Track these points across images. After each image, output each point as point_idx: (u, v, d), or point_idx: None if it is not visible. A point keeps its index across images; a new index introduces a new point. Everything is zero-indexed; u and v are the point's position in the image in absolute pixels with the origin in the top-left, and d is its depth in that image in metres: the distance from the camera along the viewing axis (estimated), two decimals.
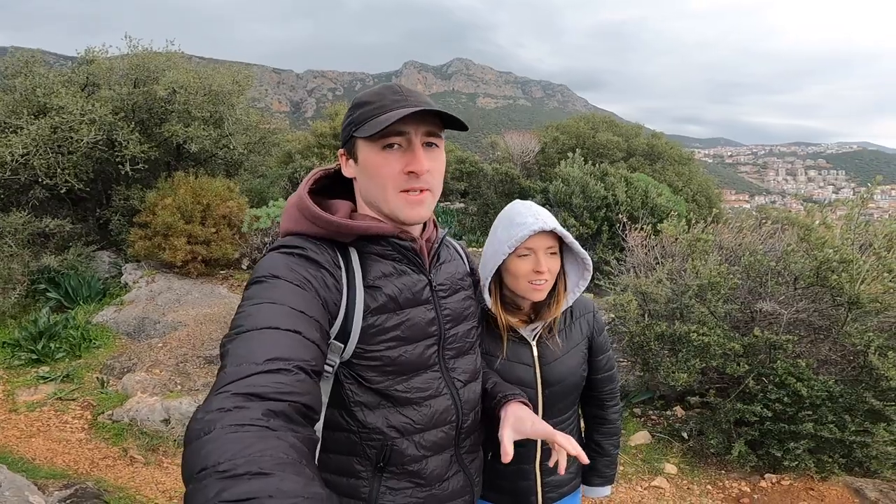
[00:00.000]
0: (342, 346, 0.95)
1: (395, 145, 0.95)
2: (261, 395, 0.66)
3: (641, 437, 3.64)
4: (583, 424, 1.58)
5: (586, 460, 1.00)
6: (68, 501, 2.88)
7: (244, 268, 7.45)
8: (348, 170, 1.03)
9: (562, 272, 1.34)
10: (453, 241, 1.23)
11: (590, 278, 1.34)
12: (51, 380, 4.51)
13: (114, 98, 7.05)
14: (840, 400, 2.98)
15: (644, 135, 14.38)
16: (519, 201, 1.37)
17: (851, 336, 3.02)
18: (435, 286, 1.06)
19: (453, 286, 1.10)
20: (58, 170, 6.57)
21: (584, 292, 1.40)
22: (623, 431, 1.66)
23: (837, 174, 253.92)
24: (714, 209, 5.97)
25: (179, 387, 4.31)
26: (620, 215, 7.39)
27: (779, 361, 3.10)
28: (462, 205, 14.44)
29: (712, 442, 3.32)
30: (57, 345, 5.06)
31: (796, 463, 3.05)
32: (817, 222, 3.38)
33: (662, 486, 3.17)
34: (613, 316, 4.08)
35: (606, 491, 1.56)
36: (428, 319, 1.03)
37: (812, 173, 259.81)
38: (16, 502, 2.54)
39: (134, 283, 6.54)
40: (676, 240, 4.22)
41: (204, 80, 7.44)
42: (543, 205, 8.68)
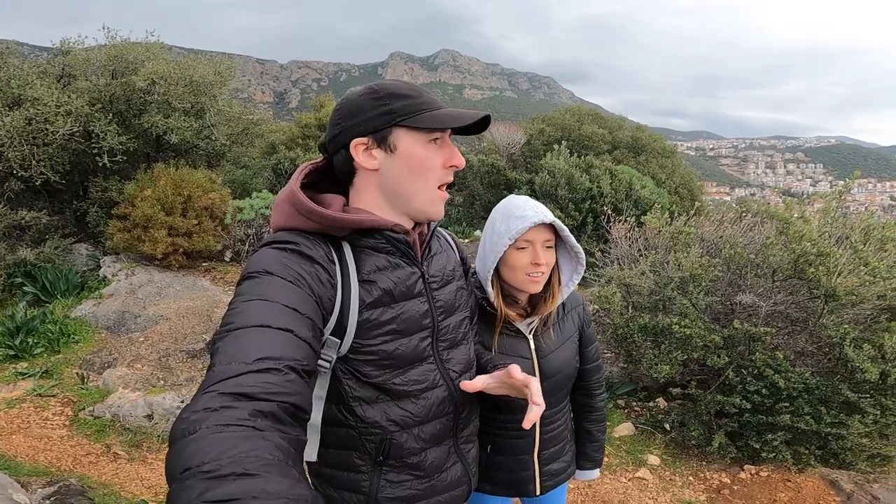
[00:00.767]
0: (338, 341, 0.95)
1: (438, 140, 0.98)
2: (249, 394, 0.65)
3: (625, 428, 3.70)
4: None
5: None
6: (52, 499, 2.84)
7: (227, 260, 7.35)
8: (370, 161, 0.97)
9: (556, 266, 1.36)
10: (444, 231, 1.23)
11: (583, 272, 1.37)
12: (29, 376, 4.42)
13: (91, 89, 6.88)
14: (816, 392, 3.05)
15: (628, 127, 14.48)
16: (515, 195, 1.39)
17: (827, 328, 3.09)
18: (427, 278, 1.06)
19: (445, 277, 1.10)
20: (33, 161, 6.39)
21: None
22: (608, 423, 1.72)
23: (815, 167, 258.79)
24: (696, 202, 6.05)
25: (162, 382, 4.26)
26: (605, 207, 7.45)
27: (757, 353, 3.17)
28: (448, 196, 14.43)
29: (693, 433, 3.39)
30: (35, 340, 4.95)
31: (774, 454, 3.12)
32: (795, 216, 3.44)
33: (646, 477, 3.22)
34: (598, 308, 4.13)
35: (596, 474, 1.65)
36: (422, 312, 1.03)
37: (791, 166, 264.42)
38: (0, 500, 2.50)
39: (113, 276, 6.42)
40: (659, 232, 4.27)
41: (185, 70, 7.29)
42: (530, 196, 8.72)
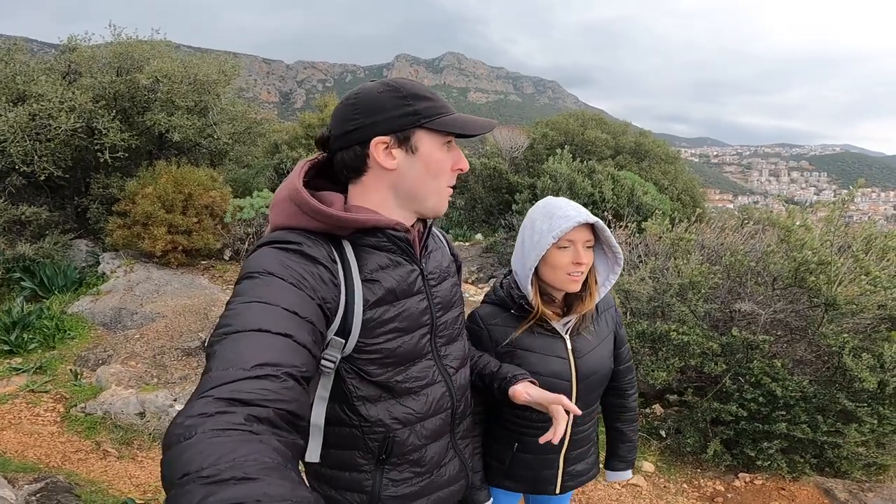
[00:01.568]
0: (343, 341, 0.94)
1: (449, 143, 1.02)
2: (244, 400, 0.64)
3: None
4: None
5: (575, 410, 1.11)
6: (38, 495, 2.82)
7: (226, 259, 7.35)
8: (389, 160, 0.97)
9: (592, 267, 1.39)
10: (435, 229, 1.24)
11: (619, 272, 1.39)
12: (23, 371, 4.41)
13: (95, 86, 6.91)
14: (813, 400, 3.02)
15: (631, 133, 14.45)
16: (552, 197, 1.43)
17: (827, 337, 3.06)
18: (426, 275, 1.07)
19: (442, 274, 1.12)
20: (35, 157, 6.41)
21: None
22: (602, 429, 1.71)
23: (820, 176, 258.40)
24: (698, 208, 6.02)
25: (156, 380, 4.24)
26: (606, 213, 7.42)
27: (755, 361, 3.14)
28: (450, 198, 14.44)
29: (689, 441, 3.35)
30: (30, 335, 4.93)
31: (769, 462, 3.09)
32: (797, 224, 3.41)
33: (640, 483, 3.19)
34: None
35: (629, 474, 1.64)
36: (421, 309, 1.04)
37: (795, 174, 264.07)
38: None
39: (112, 272, 6.41)
40: (660, 238, 4.24)
41: (189, 69, 7.31)
42: (531, 200, 8.70)
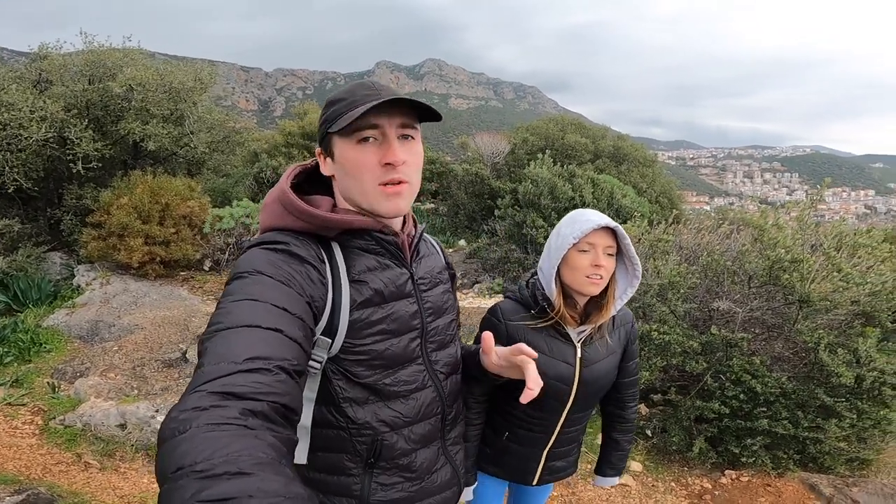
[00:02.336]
0: (330, 341, 0.94)
1: (370, 139, 0.95)
2: (238, 394, 0.64)
3: None
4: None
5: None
6: None
7: (206, 269, 7.23)
8: (326, 168, 1.02)
9: (613, 277, 1.43)
10: (430, 236, 1.25)
11: (637, 285, 1.43)
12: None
13: (67, 95, 6.78)
14: (793, 396, 3.09)
15: (610, 137, 14.66)
16: (583, 208, 1.48)
17: (803, 333, 3.14)
18: (416, 280, 1.07)
19: (433, 280, 1.12)
20: (6, 168, 6.26)
21: None
22: (589, 430, 1.75)
23: (791, 177, 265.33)
24: (675, 210, 6.13)
25: (136, 391, 4.16)
26: None
27: (735, 359, 3.20)
28: (432, 205, 14.44)
29: (674, 439, 3.40)
30: (5, 349, 4.82)
31: (753, 459, 3.14)
32: (770, 223, 3.50)
33: (629, 483, 3.22)
34: None
35: (616, 480, 1.74)
36: (411, 312, 1.04)
37: (768, 175, 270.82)
38: None
39: (87, 284, 6.27)
40: (639, 240, 4.31)
41: (164, 77, 7.23)
42: (513, 205, 8.76)
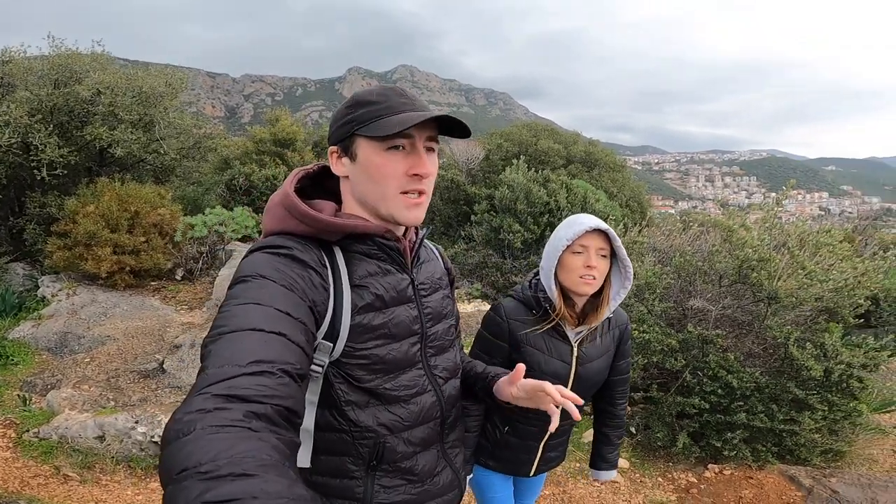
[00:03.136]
0: (331, 345, 0.95)
1: (400, 147, 0.96)
2: (242, 396, 0.64)
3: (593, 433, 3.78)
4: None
5: (577, 415, 1.01)
6: None
7: (178, 279, 7.04)
8: (340, 168, 1.01)
9: (608, 279, 1.50)
10: (430, 242, 1.26)
11: (630, 286, 1.50)
12: None
13: (31, 99, 6.51)
14: (767, 390, 3.22)
15: (582, 142, 14.96)
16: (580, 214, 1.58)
17: (772, 329, 3.29)
18: (417, 285, 1.08)
19: (433, 285, 1.13)
20: None
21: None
22: (574, 429, 1.81)
23: (750, 180, 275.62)
24: (647, 213, 6.33)
25: (113, 402, 4.03)
26: (562, 220, 7.62)
27: (711, 355, 3.33)
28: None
29: (658, 435, 3.50)
30: None
31: (734, 452, 3.25)
32: (737, 224, 3.66)
33: (618, 480, 3.29)
34: None
35: (613, 474, 1.81)
36: (411, 317, 1.05)
37: (728, 179, 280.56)
38: None
39: (53, 296, 6.01)
40: None
41: (133, 81, 7.03)
42: (489, 210, 8.85)
